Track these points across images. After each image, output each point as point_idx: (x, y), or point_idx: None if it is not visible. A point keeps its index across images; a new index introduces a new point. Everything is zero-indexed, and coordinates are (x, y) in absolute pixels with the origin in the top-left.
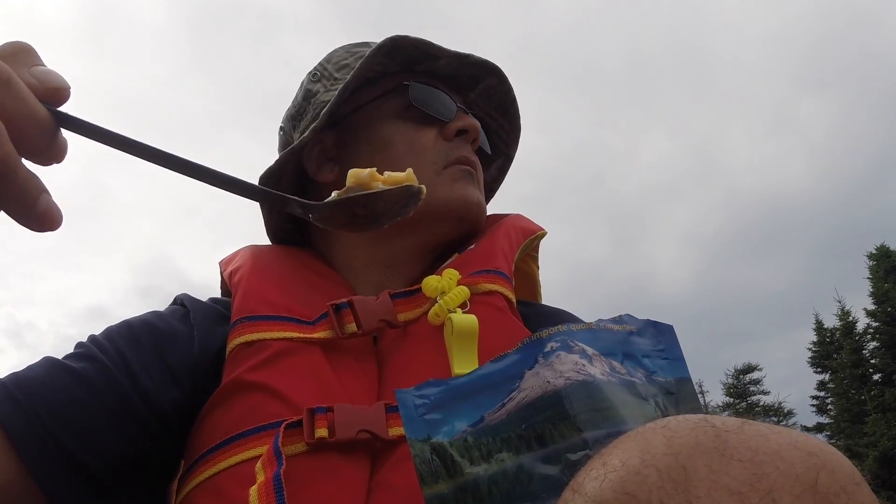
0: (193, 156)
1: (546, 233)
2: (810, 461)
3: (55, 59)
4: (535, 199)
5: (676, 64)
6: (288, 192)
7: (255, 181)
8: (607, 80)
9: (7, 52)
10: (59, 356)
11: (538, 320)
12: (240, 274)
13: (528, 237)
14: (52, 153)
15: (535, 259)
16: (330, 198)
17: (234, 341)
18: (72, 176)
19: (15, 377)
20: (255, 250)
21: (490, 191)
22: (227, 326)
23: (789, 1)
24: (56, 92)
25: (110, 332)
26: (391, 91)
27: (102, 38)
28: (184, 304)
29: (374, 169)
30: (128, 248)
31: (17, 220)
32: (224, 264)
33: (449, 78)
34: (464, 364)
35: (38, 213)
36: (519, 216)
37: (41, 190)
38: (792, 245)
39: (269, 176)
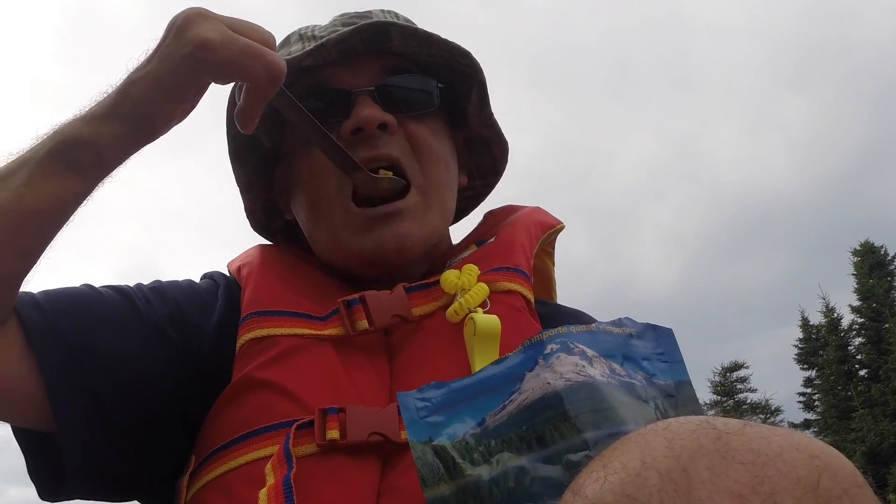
0: (179, 159)
1: (564, 227)
2: (812, 463)
3: (38, 62)
4: (520, 199)
5: (659, 61)
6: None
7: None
8: (590, 79)
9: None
10: None
11: (556, 321)
12: (248, 269)
13: (546, 231)
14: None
15: (551, 255)
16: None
17: (244, 337)
18: None
19: (45, 291)
20: (264, 249)
21: (485, 118)
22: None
23: None
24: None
25: (140, 284)
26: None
27: (83, 40)
28: (214, 278)
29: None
30: (112, 253)
31: (244, 115)
32: (231, 264)
33: (347, 55)
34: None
35: (255, 118)
36: (537, 209)
37: None
38: (776, 242)
39: (263, 220)
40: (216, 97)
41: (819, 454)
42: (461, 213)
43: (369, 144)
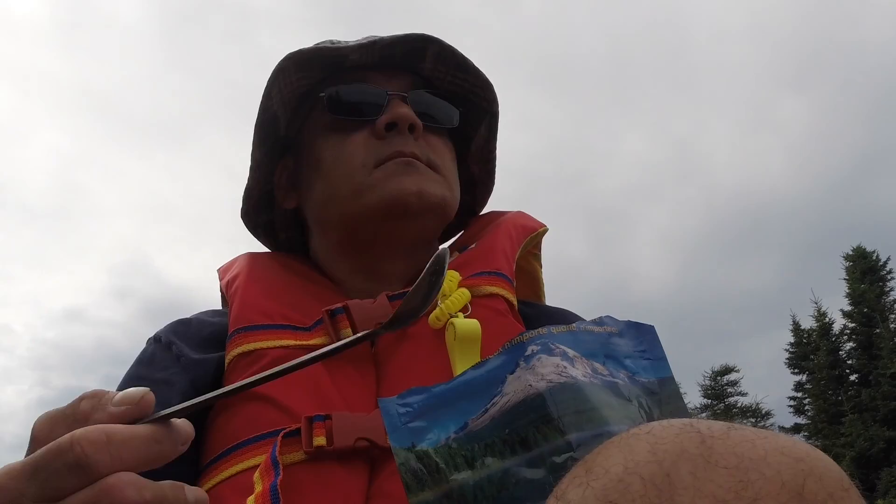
0: (171, 155)
1: (547, 229)
2: (797, 467)
3: (29, 55)
4: (516, 198)
5: (656, 61)
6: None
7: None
8: (587, 78)
9: (81, 411)
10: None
11: (541, 321)
12: (236, 283)
13: (528, 235)
14: (176, 446)
15: (538, 257)
16: None
17: (232, 352)
18: (45, 175)
19: None
20: (252, 258)
21: (486, 152)
22: (220, 347)
23: None
24: (140, 405)
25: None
26: (315, 105)
27: (78, 33)
28: (159, 339)
29: None
30: (104, 248)
31: None
32: (222, 272)
33: (385, 63)
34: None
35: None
36: (520, 213)
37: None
38: (770, 244)
39: (252, 209)
40: (207, 91)
41: (804, 458)
42: None
43: (402, 139)
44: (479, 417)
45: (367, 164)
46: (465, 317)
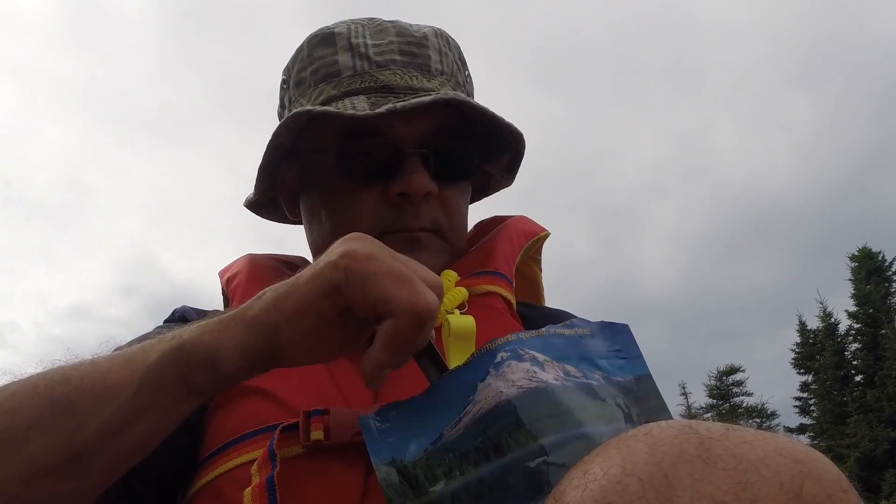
0: (177, 151)
1: (549, 234)
2: (796, 469)
3: (35, 52)
4: (521, 195)
5: (663, 58)
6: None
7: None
8: (592, 75)
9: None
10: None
11: (540, 322)
12: (237, 281)
13: (530, 239)
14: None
15: (538, 261)
16: None
17: None
18: (50, 173)
19: None
20: (253, 259)
21: (503, 174)
22: None
23: None
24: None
25: None
26: (328, 146)
27: (83, 30)
28: (185, 317)
29: None
30: (109, 245)
31: (374, 367)
32: (223, 273)
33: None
34: None
35: (383, 376)
36: (522, 218)
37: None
38: (776, 243)
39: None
40: (212, 88)
41: (803, 459)
42: None
43: (413, 211)
44: (453, 427)
45: (373, 232)
46: (462, 314)
